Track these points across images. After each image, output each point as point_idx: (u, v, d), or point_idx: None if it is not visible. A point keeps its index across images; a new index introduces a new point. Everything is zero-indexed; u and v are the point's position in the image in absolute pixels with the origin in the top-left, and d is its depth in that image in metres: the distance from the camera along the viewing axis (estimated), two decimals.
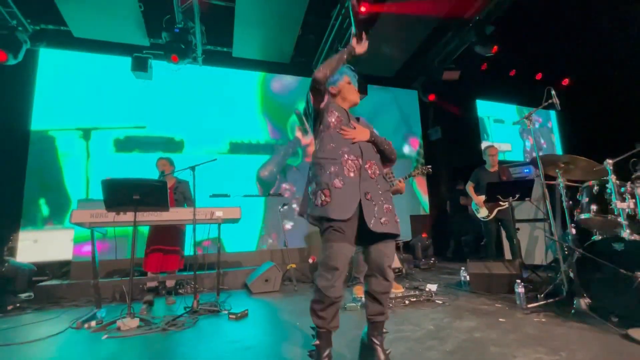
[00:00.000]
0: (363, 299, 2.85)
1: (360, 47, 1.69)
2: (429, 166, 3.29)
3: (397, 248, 4.73)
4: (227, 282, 4.06)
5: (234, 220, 3.27)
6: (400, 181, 3.20)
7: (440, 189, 6.90)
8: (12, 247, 4.39)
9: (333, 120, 1.69)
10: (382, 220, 1.52)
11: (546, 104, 2.76)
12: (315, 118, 1.72)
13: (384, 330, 1.61)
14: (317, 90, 1.64)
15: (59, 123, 4.84)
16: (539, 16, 5.57)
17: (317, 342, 1.52)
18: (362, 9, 4.40)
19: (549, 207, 2.72)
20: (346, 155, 1.58)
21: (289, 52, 5.65)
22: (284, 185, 5.67)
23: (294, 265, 4.13)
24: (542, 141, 8.14)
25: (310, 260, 4.67)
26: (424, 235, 5.36)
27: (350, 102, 1.85)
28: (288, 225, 5.34)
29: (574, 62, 6.77)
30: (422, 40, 5.76)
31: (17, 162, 4.57)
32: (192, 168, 3.09)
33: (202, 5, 4.67)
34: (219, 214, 3.15)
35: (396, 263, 4.32)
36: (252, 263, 4.66)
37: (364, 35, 1.70)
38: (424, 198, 6.82)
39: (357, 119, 1.82)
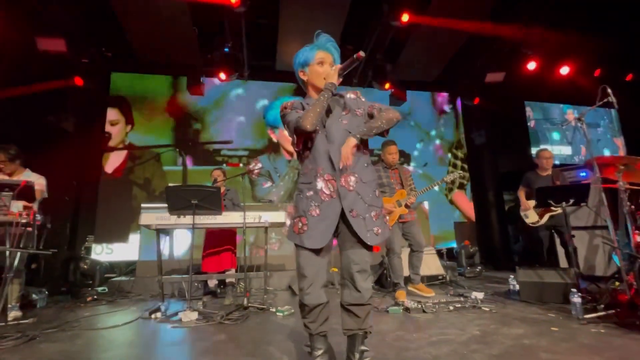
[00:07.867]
0: (405, 302, 2.88)
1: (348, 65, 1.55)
2: (460, 173, 3.36)
3: (441, 255, 4.63)
4: (273, 283, 4.27)
5: (280, 224, 3.46)
6: (413, 196, 3.31)
7: (487, 195, 6.61)
8: (88, 247, 5.04)
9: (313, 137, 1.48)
10: (375, 230, 1.44)
11: (600, 103, 2.63)
12: (300, 144, 1.54)
13: (363, 347, 1.45)
14: (304, 133, 1.43)
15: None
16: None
17: (309, 343, 1.48)
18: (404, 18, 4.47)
19: (607, 212, 2.56)
20: (321, 177, 1.43)
21: None
22: None
23: (335, 269, 4.22)
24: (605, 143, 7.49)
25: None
26: (466, 242, 5.18)
27: (320, 90, 1.52)
28: None
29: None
30: (463, 44, 5.65)
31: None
32: (242, 175, 3.36)
33: (248, 25, 5.04)
34: (265, 218, 3.37)
35: (438, 270, 4.25)
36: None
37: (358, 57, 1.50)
38: (463, 207, 6.60)
39: (341, 97, 1.63)
